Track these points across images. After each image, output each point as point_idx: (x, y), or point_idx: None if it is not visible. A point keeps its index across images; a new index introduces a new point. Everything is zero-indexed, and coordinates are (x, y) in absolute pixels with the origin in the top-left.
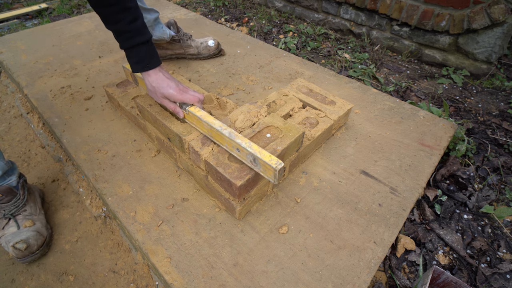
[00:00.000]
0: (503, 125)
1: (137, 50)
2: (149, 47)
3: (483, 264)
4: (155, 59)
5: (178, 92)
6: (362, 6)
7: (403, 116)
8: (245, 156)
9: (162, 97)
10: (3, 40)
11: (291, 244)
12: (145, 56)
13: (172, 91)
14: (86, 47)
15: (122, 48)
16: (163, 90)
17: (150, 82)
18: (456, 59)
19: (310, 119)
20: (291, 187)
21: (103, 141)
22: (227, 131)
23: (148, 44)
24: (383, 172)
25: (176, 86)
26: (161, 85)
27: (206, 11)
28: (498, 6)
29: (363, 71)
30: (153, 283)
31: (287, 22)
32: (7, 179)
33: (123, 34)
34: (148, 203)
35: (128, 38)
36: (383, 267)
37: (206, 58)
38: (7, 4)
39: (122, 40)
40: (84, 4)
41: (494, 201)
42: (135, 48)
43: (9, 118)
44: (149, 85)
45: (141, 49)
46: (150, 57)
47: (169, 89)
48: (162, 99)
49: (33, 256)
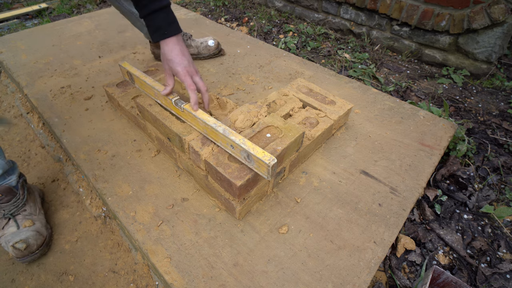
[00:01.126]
0: (503, 125)
1: (154, 17)
2: (167, 14)
3: (483, 264)
4: (174, 27)
5: (183, 73)
6: (362, 6)
7: (403, 116)
8: (239, 152)
9: (170, 70)
10: (3, 40)
11: (291, 244)
12: (163, 23)
13: (179, 69)
14: (86, 47)
15: (142, 17)
16: (171, 64)
17: (165, 51)
18: (456, 59)
19: (310, 119)
20: (291, 187)
21: (103, 141)
22: (221, 128)
23: (166, 10)
24: (383, 172)
25: (185, 66)
26: (173, 59)
27: (206, 11)
28: (498, 6)
29: (363, 71)
30: (153, 283)
31: (287, 22)
32: (7, 178)
33: (140, 2)
34: (148, 203)
35: (145, 5)
36: (383, 267)
37: (206, 58)
38: (7, 4)
39: (140, 8)
40: (84, 4)
41: (494, 201)
42: (153, 15)
43: (9, 118)
44: (163, 54)
45: (158, 15)
46: (168, 24)
47: (178, 66)
48: (169, 71)
49: (32, 256)
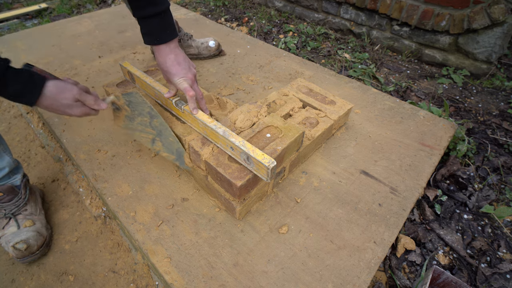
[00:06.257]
0: (503, 125)
1: (147, 22)
2: (161, 19)
3: (483, 264)
4: (168, 33)
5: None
6: (362, 6)
7: (403, 116)
8: (239, 154)
9: (165, 78)
10: (3, 40)
11: (291, 244)
12: (156, 29)
13: (176, 80)
14: (86, 47)
15: (134, 17)
16: (168, 76)
17: (159, 62)
18: (456, 59)
19: (310, 119)
20: (291, 187)
21: (103, 141)
22: (221, 130)
23: (162, 16)
24: (383, 172)
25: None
26: (169, 71)
27: (206, 11)
28: (498, 6)
29: (363, 71)
30: (153, 283)
31: (287, 22)
32: (12, 177)
33: (133, 2)
34: (148, 203)
35: (140, 6)
36: (383, 267)
37: (206, 58)
38: (7, 4)
39: (134, 8)
40: (84, 4)
41: (494, 201)
42: (147, 19)
43: (9, 118)
44: (158, 63)
45: (152, 21)
46: (161, 30)
47: (175, 77)
48: (167, 79)
49: (33, 256)
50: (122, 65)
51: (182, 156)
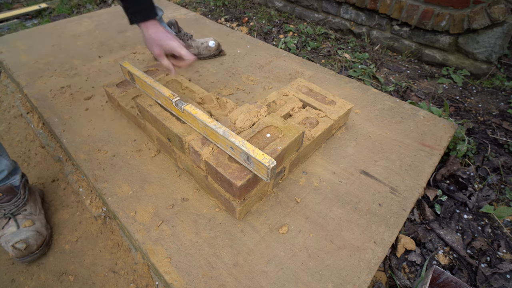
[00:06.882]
0: (503, 125)
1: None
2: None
3: (483, 264)
4: (154, 10)
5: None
6: (362, 6)
7: (403, 116)
8: (239, 154)
9: (161, 49)
10: (3, 40)
11: (291, 244)
12: (145, 6)
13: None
14: (86, 47)
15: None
16: (162, 42)
17: (151, 33)
18: (456, 59)
19: (310, 119)
20: (291, 187)
21: (103, 141)
22: (221, 130)
23: None
24: (383, 172)
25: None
26: (161, 37)
27: (206, 11)
28: (498, 6)
29: (363, 71)
30: (153, 283)
31: (287, 22)
32: (11, 178)
33: None
34: (148, 203)
35: None
36: (383, 267)
37: (206, 58)
38: (7, 4)
39: None
40: (84, 4)
41: (494, 201)
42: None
43: (9, 118)
44: (149, 37)
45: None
46: (149, 7)
47: (170, 40)
48: (160, 51)
49: (32, 256)
50: (122, 65)
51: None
